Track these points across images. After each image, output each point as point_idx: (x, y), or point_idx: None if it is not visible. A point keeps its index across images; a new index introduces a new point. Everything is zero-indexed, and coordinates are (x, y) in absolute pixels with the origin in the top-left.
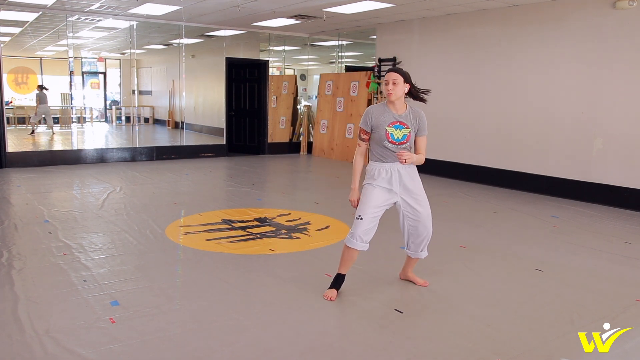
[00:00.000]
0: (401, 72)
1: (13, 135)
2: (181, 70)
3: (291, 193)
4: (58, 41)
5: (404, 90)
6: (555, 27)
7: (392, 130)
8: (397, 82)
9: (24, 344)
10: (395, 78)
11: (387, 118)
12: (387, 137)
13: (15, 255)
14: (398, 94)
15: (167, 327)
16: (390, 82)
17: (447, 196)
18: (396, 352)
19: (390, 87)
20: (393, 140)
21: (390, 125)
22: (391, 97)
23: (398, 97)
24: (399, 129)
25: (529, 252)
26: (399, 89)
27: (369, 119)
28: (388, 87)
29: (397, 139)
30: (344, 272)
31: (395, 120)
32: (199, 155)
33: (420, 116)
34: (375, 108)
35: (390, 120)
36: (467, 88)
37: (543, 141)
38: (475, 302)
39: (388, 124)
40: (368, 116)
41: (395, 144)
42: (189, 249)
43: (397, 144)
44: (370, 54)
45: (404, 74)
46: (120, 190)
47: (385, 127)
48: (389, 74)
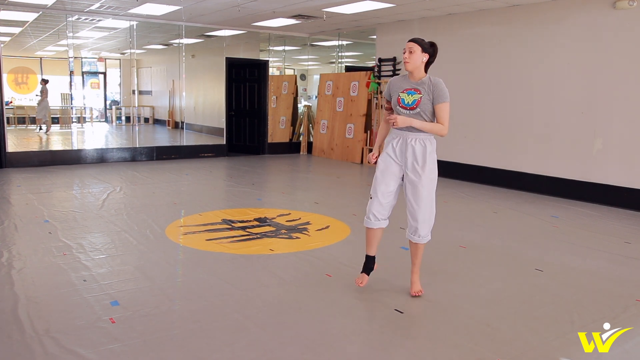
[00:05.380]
0: (419, 41)
1: (13, 135)
2: (181, 70)
3: (291, 193)
4: (58, 41)
5: (422, 60)
6: (555, 27)
7: (404, 96)
8: (414, 51)
9: (24, 344)
10: (411, 47)
11: (403, 85)
12: (399, 102)
13: (15, 255)
14: (415, 63)
15: (167, 327)
16: (407, 50)
17: (447, 196)
18: (396, 352)
19: (406, 55)
20: (403, 104)
21: (403, 92)
22: (407, 66)
23: (415, 66)
24: (411, 95)
25: (529, 252)
26: (416, 58)
27: (388, 87)
28: (405, 56)
29: (407, 103)
30: (371, 253)
31: (409, 87)
32: (199, 155)
33: (437, 82)
34: (395, 78)
35: (405, 87)
36: (467, 88)
37: (543, 141)
38: (475, 302)
39: (402, 90)
40: (388, 85)
41: (406, 109)
42: (189, 249)
43: (408, 109)
44: (370, 54)
45: (422, 43)
46: (120, 190)
47: (399, 92)
48: (408, 43)
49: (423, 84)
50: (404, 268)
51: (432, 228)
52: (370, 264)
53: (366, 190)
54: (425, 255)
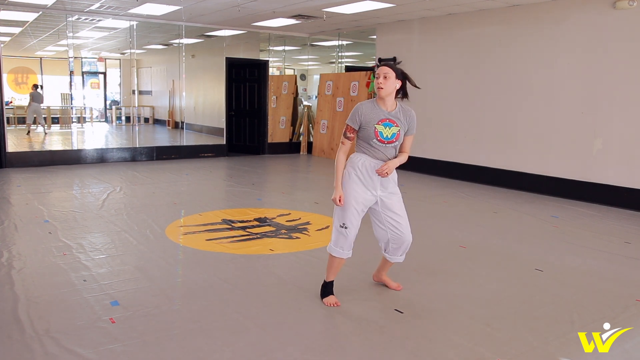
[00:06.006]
0: (393, 67)
1: (13, 135)
2: (181, 70)
3: (291, 193)
4: (58, 41)
5: (395, 87)
6: (555, 27)
7: (381, 129)
8: (389, 77)
9: (24, 344)
10: (386, 72)
11: (377, 115)
12: (376, 135)
13: (15, 255)
14: (388, 90)
15: (167, 327)
16: (382, 75)
17: (447, 196)
18: (396, 352)
19: (380, 80)
20: (382, 139)
21: (379, 123)
22: (381, 92)
23: (388, 92)
24: (389, 127)
25: (529, 252)
26: (390, 84)
27: (358, 115)
28: (379, 81)
29: (386, 137)
30: (333, 278)
31: (385, 118)
32: (199, 155)
33: (411, 115)
34: (365, 105)
35: (379, 117)
36: (467, 88)
37: (543, 141)
38: (475, 302)
39: (377, 121)
40: (357, 113)
41: (384, 143)
42: (189, 249)
43: (386, 143)
44: (370, 54)
45: (396, 69)
46: (120, 190)
47: (374, 124)
48: (381, 68)
49: (398, 115)
50: (403, 268)
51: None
52: (332, 286)
53: None
54: (426, 255)
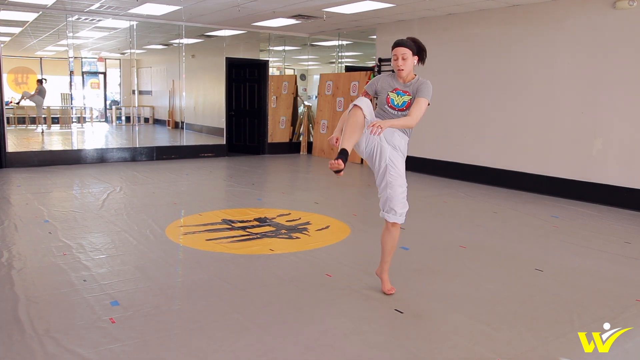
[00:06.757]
0: (408, 45)
1: (13, 135)
2: (181, 70)
3: (291, 193)
4: (58, 41)
5: (414, 63)
6: (555, 27)
7: (394, 96)
8: (407, 57)
9: (24, 344)
10: (404, 53)
11: (392, 84)
12: (387, 101)
13: (15, 255)
14: (408, 69)
15: (167, 327)
16: (400, 57)
17: (447, 196)
18: (396, 352)
19: (400, 62)
20: (393, 105)
21: (393, 91)
22: (402, 73)
23: (409, 72)
24: (400, 96)
25: (529, 252)
26: (409, 64)
27: (375, 83)
28: (398, 63)
29: (397, 104)
30: (345, 146)
31: (398, 87)
32: (199, 155)
33: (423, 81)
34: (384, 75)
35: (394, 86)
36: (467, 88)
37: (543, 141)
38: (475, 302)
39: (391, 89)
40: (375, 81)
41: (395, 110)
42: (189, 249)
43: (397, 110)
44: (370, 54)
45: (411, 46)
46: (120, 190)
47: (388, 91)
48: (397, 49)
49: (412, 86)
50: (403, 268)
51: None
52: (346, 155)
53: (366, 190)
54: (426, 255)
